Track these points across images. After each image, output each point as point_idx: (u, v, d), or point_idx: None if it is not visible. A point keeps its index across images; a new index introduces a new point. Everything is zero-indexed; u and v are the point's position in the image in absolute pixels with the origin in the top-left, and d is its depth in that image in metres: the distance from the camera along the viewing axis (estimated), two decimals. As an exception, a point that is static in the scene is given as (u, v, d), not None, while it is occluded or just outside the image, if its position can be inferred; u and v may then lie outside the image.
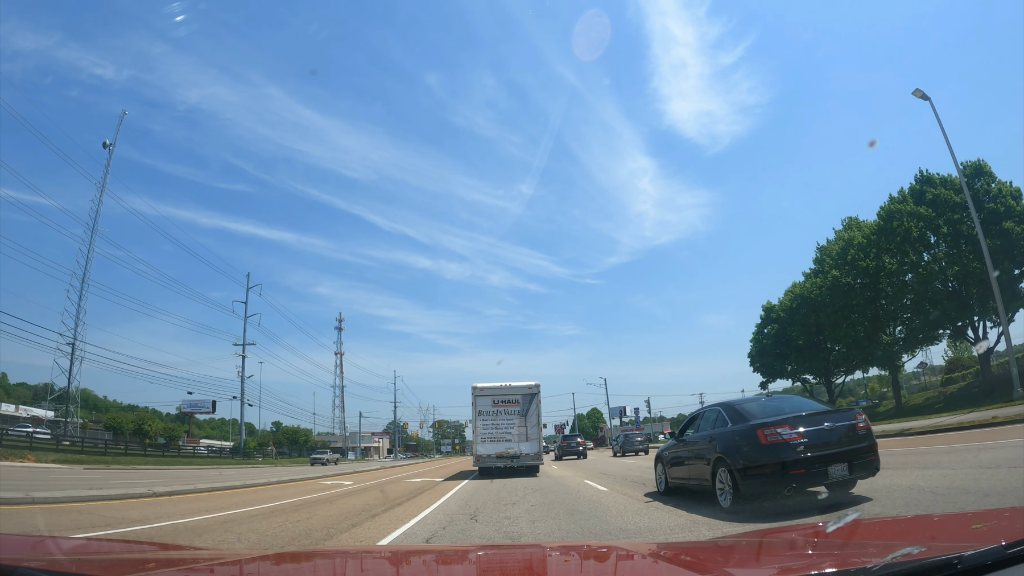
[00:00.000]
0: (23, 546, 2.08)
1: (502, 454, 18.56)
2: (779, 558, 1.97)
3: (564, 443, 36.01)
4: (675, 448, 9.48)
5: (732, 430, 7.50)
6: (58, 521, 7.91)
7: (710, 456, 7.76)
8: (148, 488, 13.24)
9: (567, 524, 7.42)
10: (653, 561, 2.15)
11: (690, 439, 8.89)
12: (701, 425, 8.79)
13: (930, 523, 2.20)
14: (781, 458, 6.57)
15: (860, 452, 6.74)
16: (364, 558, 2.62)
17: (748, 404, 8.10)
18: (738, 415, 7.67)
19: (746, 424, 7.27)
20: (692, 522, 6.77)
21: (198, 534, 7.41)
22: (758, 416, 7.34)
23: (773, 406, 7.76)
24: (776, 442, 6.66)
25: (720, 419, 8.05)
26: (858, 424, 6.95)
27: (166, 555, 2.39)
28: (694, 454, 8.52)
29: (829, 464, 6.54)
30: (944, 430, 18.84)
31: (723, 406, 8.30)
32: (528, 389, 19.08)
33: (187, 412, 70.00)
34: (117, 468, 26.30)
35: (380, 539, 6.97)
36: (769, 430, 6.77)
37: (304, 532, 7.59)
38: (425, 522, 8.27)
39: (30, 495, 9.78)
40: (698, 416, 9.25)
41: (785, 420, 6.90)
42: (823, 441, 6.69)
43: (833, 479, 6.61)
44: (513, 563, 2.43)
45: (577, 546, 3.79)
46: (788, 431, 6.70)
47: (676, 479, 9.30)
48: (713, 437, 7.88)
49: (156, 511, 9.89)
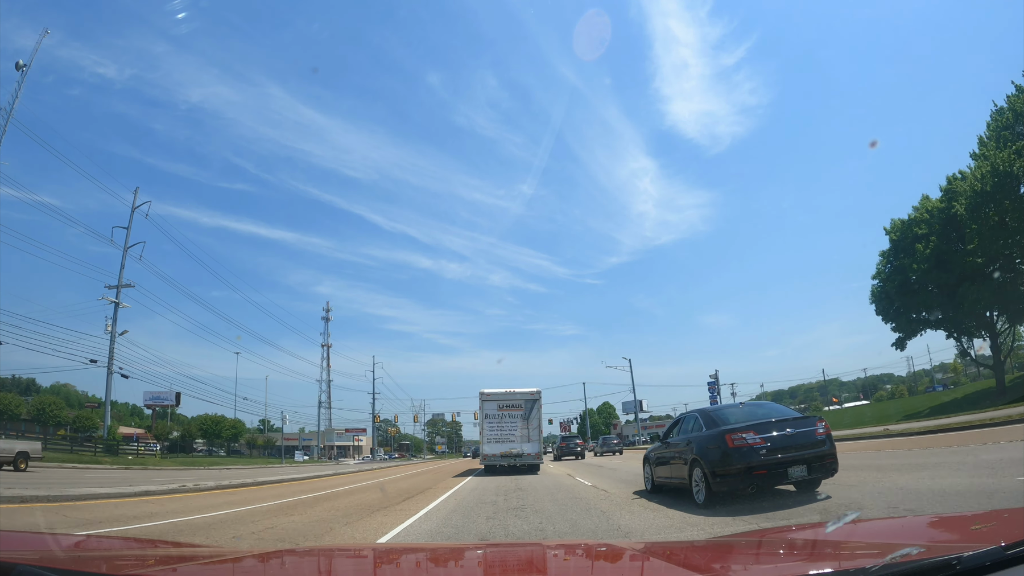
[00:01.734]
0: (22, 543, 2.08)
1: (506, 453, 20.14)
2: (778, 558, 1.97)
3: (563, 444, 37.59)
4: (660, 450, 10.12)
5: (705, 434, 8.15)
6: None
7: (688, 457, 8.37)
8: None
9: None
10: (652, 561, 2.14)
11: (672, 442, 9.49)
12: (682, 429, 9.47)
13: (929, 523, 2.20)
14: (746, 460, 7.23)
15: (819, 456, 7.39)
16: (363, 555, 2.62)
17: (723, 411, 8.87)
18: (711, 421, 8.36)
19: (717, 429, 7.93)
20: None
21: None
22: (729, 422, 8.03)
23: (745, 412, 8.49)
24: (741, 446, 7.30)
25: (696, 424, 8.75)
26: (817, 431, 7.60)
27: (165, 552, 2.39)
28: (676, 455, 9.13)
29: (790, 466, 7.23)
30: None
31: (700, 412, 9.07)
32: (531, 395, 20.77)
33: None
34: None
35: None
36: (736, 435, 7.42)
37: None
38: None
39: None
40: (680, 421, 9.98)
41: (751, 426, 7.55)
42: (784, 445, 7.32)
43: (793, 479, 7.34)
44: (511, 562, 2.43)
45: (575, 545, 3.79)
46: (752, 436, 7.35)
47: (661, 478, 9.93)
48: (690, 440, 8.51)
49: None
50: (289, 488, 17.35)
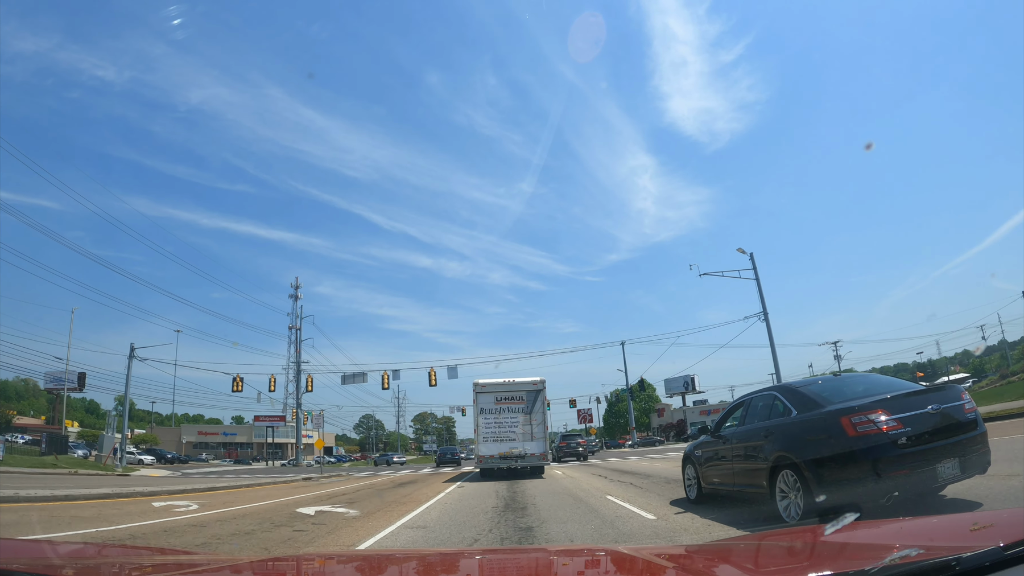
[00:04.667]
0: (18, 550, 2.07)
1: (506, 454, 17.48)
2: (777, 561, 1.96)
3: (563, 443, 35.32)
4: (711, 445, 7.88)
5: (799, 420, 5.89)
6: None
7: (766, 455, 6.18)
8: None
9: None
10: (651, 564, 2.14)
11: (732, 434, 7.32)
12: (747, 416, 7.14)
13: (928, 525, 2.19)
14: (877, 455, 4.93)
15: (973, 444, 5.22)
16: (363, 562, 2.61)
17: (813, 386, 6.45)
18: (806, 400, 6.01)
19: (821, 411, 5.62)
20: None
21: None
22: (834, 400, 5.72)
23: (846, 386, 6.19)
24: (868, 432, 5.01)
25: (778, 406, 6.43)
26: (965, 405, 5.37)
27: (162, 559, 2.38)
28: (740, 453, 6.98)
29: (939, 461, 4.98)
30: None
31: (781, 390, 6.70)
32: (533, 385, 18.08)
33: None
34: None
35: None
36: (858, 417, 5.11)
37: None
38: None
39: None
40: (741, 405, 7.53)
41: (877, 403, 5.22)
42: (929, 429, 5.09)
43: (943, 479, 5.04)
44: (515, 567, 2.42)
45: (579, 550, 3.77)
46: (884, 417, 5.05)
47: (713, 484, 7.81)
48: (770, 430, 6.31)
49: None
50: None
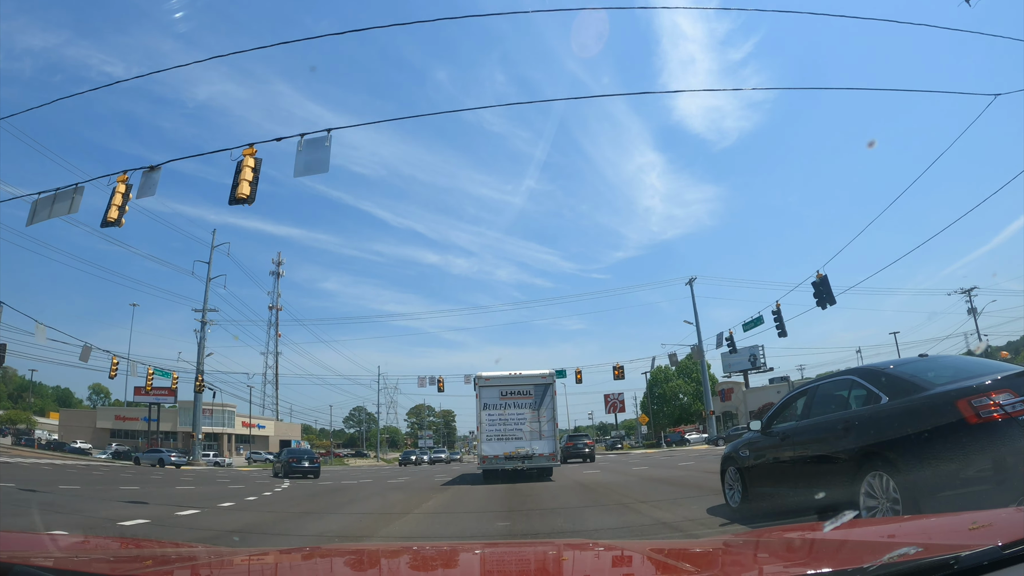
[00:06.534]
0: (20, 543, 2.08)
1: (511, 454, 15.99)
2: (776, 558, 1.96)
3: (569, 443, 34.26)
4: (762, 444, 6.80)
5: (894, 407, 4.81)
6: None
7: (847, 451, 5.15)
8: None
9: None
10: (649, 560, 2.14)
11: (792, 430, 6.28)
12: (814, 408, 6.02)
13: (927, 523, 2.19)
14: (1005, 446, 3.95)
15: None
16: (365, 555, 2.62)
17: (906, 366, 5.40)
18: (900, 383, 4.98)
19: (924, 394, 4.61)
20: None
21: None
22: (937, 381, 4.72)
23: (940, 367, 5.22)
24: (995, 417, 4.03)
25: (861, 393, 5.37)
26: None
27: (164, 552, 2.39)
28: (808, 451, 5.90)
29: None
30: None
31: (862, 373, 5.59)
32: (541, 379, 16.66)
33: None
34: None
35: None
36: (980, 399, 4.11)
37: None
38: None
39: None
40: (802, 395, 6.44)
41: (1003, 381, 4.21)
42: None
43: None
44: (515, 562, 2.43)
45: (578, 544, 3.79)
46: (1012, 398, 4.06)
47: (766, 488, 6.66)
48: (850, 422, 5.23)
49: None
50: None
